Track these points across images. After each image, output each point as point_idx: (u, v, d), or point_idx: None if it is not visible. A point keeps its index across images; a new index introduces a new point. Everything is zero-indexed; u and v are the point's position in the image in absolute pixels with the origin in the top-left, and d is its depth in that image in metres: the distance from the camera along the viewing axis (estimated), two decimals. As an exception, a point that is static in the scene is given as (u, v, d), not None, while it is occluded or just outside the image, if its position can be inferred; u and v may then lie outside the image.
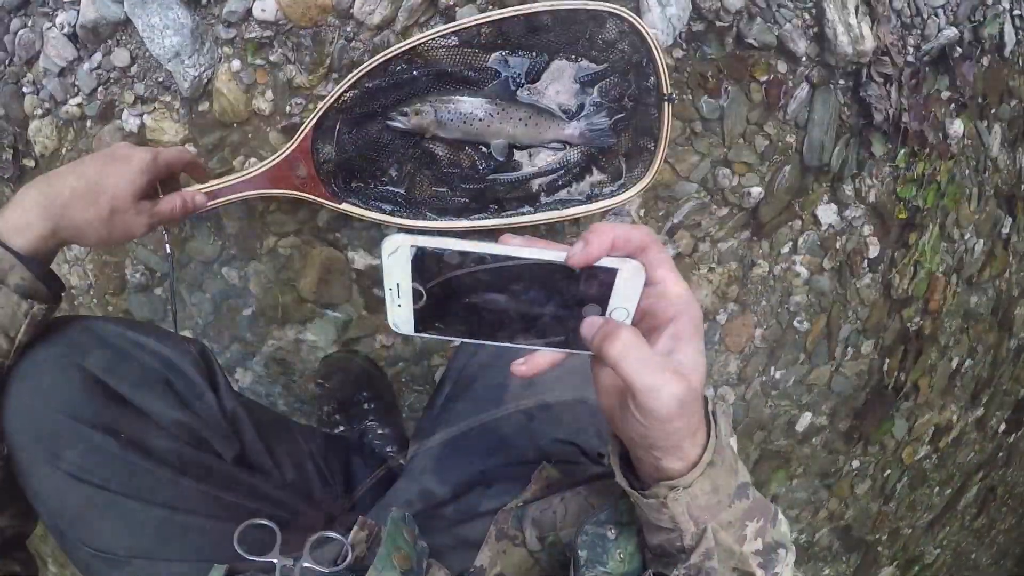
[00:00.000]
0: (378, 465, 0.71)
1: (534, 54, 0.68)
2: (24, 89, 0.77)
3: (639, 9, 0.70)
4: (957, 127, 0.99)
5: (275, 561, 0.42)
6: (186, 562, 0.47)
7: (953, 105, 0.98)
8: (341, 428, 0.82)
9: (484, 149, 0.71)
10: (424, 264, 0.31)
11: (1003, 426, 1.59)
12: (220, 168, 0.75)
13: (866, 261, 0.96)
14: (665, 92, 0.68)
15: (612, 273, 0.31)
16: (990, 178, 1.10)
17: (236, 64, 0.72)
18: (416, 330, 0.34)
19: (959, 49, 0.94)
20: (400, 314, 0.33)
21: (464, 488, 0.52)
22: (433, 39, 0.65)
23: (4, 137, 0.81)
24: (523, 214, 0.74)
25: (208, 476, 0.49)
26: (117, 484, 0.45)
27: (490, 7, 0.69)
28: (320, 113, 0.67)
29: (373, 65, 0.66)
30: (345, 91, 0.67)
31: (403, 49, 0.65)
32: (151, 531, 0.46)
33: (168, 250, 0.72)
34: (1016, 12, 1.02)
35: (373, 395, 0.84)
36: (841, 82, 0.82)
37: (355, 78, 0.66)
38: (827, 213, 0.89)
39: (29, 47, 0.75)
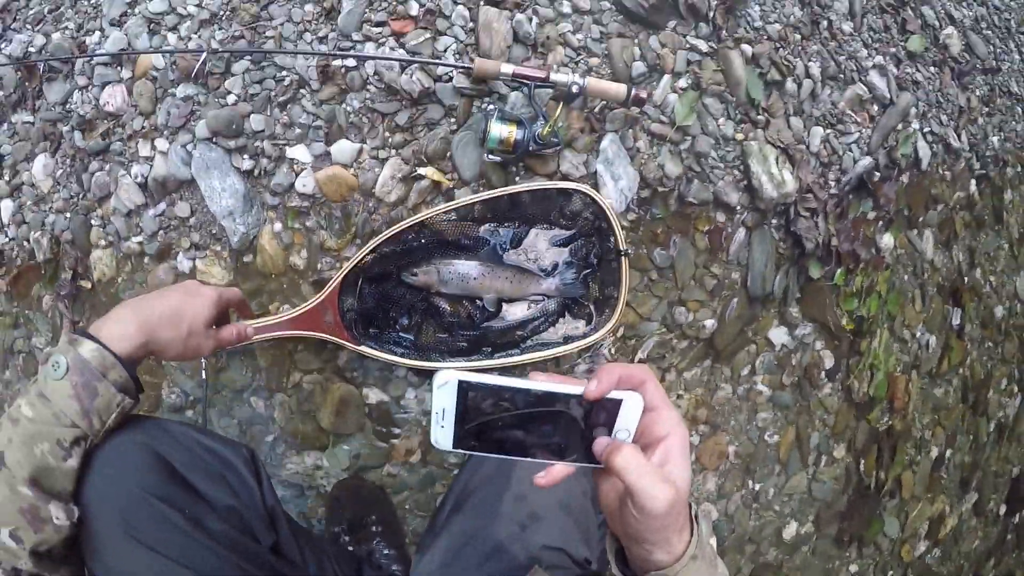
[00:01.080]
0: (385, 577, 0.85)
1: (517, 224, 0.95)
2: (92, 222, 0.99)
3: (597, 185, 0.97)
4: (887, 240, 1.29)
5: None
6: None
7: (880, 222, 1.28)
8: (350, 548, 0.97)
9: (478, 302, 0.96)
10: (467, 394, 0.44)
11: (1003, 508, 1.81)
12: (258, 311, 0.97)
13: (823, 373, 1.20)
14: (622, 248, 0.92)
15: (617, 403, 0.45)
16: (930, 278, 1.40)
17: (278, 226, 0.96)
18: (454, 447, 0.46)
19: (877, 173, 1.25)
20: (443, 434, 0.46)
21: None
22: (437, 214, 0.91)
23: (67, 259, 1.01)
24: (511, 356, 0.95)
25: (251, 558, 0.63)
26: (178, 555, 0.58)
27: (481, 188, 0.95)
28: (346, 271, 0.90)
29: (390, 234, 0.90)
30: (367, 254, 0.91)
31: (414, 222, 0.90)
32: None
33: (204, 376, 0.93)
34: (927, 130, 1.36)
35: (380, 518, 1.00)
36: (773, 221, 1.10)
37: (375, 244, 0.90)
38: (779, 335, 1.14)
39: (103, 188, 0.98)
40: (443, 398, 0.44)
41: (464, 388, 0.44)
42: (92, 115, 0.97)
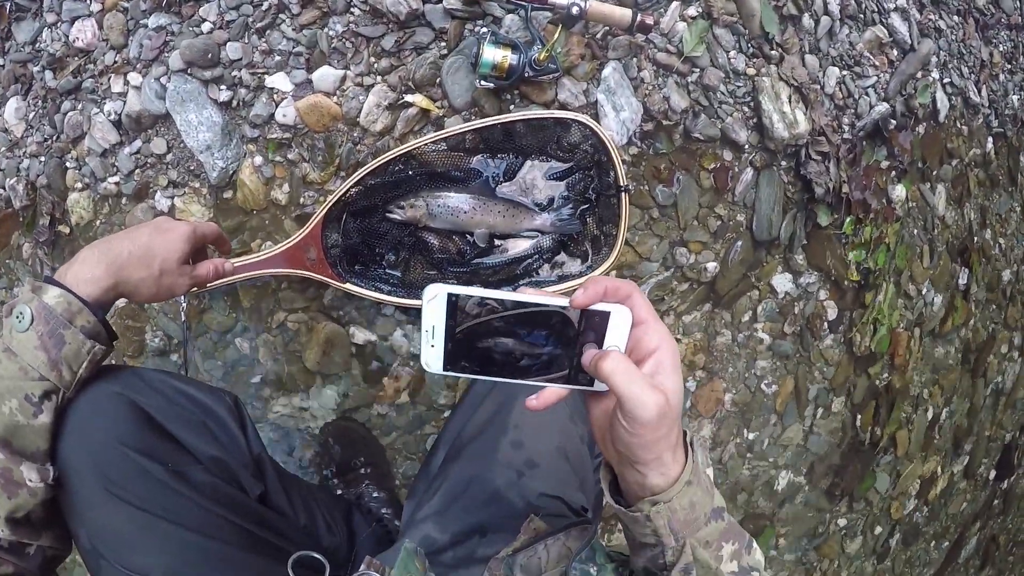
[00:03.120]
0: (376, 522, 0.82)
1: (510, 156, 0.86)
2: (67, 164, 0.93)
3: (597, 115, 0.88)
4: (899, 192, 1.19)
5: None
6: None
7: (894, 172, 1.18)
8: (339, 491, 0.93)
9: (469, 238, 0.88)
10: (456, 308, 0.42)
11: (993, 473, 1.76)
12: (239, 249, 0.90)
13: (826, 323, 1.13)
14: (622, 184, 0.84)
15: (605, 316, 0.42)
16: (940, 235, 1.31)
17: (258, 160, 0.88)
18: (444, 368, 0.44)
19: (893, 121, 1.15)
20: (432, 354, 0.43)
21: (462, 536, 0.62)
22: (426, 144, 0.83)
23: (44, 205, 0.95)
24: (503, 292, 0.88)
25: (237, 509, 0.59)
26: (160, 508, 0.54)
27: (473, 117, 0.86)
28: (329, 205, 0.83)
29: (375, 165, 0.82)
30: (351, 187, 0.83)
31: (401, 152, 0.82)
32: (186, 554, 0.55)
33: (184, 318, 0.87)
34: (947, 80, 1.25)
35: (369, 461, 0.96)
36: (783, 163, 1.01)
37: (360, 176, 0.82)
38: (782, 282, 1.06)
39: (76, 127, 0.91)
40: (433, 313, 0.42)
41: (453, 301, 0.41)
42: (62, 52, 0.88)
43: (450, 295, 0.41)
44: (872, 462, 1.34)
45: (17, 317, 0.52)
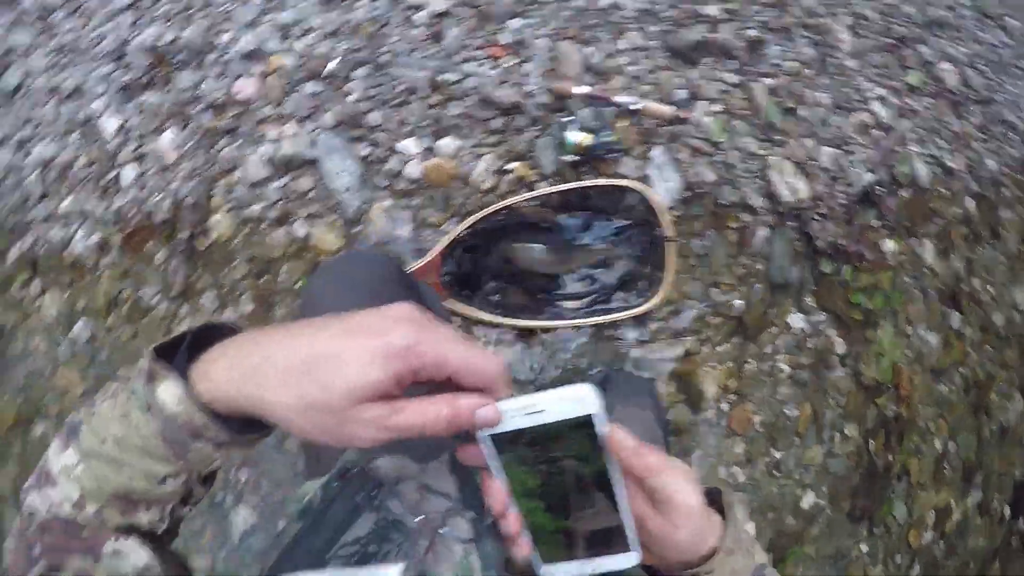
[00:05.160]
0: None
1: (584, 213, 1.22)
2: (214, 191, 1.20)
3: (649, 184, 1.25)
4: (890, 245, 1.56)
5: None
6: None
7: (884, 229, 1.55)
8: None
9: (552, 274, 1.22)
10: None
11: (1007, 510, 1.99)
12: None
13: (835, 356, 1.46)
14: (669, 236, 1.20)
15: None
16: (930, 282, 1.65)
17: (387, 203, 1.21)
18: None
19: (880, 188, 1.54)
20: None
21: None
22: (522, 201, 1.18)
23: (185, 220, 1.22)
24: (576, 318, 1.22)
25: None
26: None
27: (557, 182, 1.22)
28: (446, 242, 1.16)
29: (483, 215, 1.17)
30: (463, 230, 1.17)
31: (502, 206, 1.18)
32: None
33: None
34: (926, 153, 1.65)
35: None
36: (790, 223, 1.38)
37: (470, 222, 1.17)
38: (796, 320, 1.40)
39: (230, 162, 1.21)
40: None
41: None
42: (223, 100, 1.19)
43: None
44: (888, 488, 1.62)
45: (133, 392, 0.42)
